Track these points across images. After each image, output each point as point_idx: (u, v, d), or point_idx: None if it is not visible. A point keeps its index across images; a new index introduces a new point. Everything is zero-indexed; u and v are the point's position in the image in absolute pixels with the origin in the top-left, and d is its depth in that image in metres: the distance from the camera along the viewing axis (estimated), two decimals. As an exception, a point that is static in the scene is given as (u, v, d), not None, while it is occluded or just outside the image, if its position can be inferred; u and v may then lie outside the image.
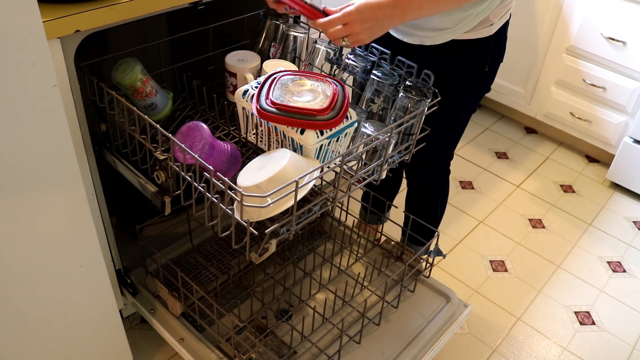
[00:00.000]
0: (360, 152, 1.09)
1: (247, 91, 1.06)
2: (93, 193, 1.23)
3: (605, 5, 2.16)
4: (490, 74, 1.31)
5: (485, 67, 1.28)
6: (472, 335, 1.72)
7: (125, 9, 1.07)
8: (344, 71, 1.24)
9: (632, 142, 2.24)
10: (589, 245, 2.09)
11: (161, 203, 1.13)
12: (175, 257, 1.51)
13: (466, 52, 1.24)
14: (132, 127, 1.12)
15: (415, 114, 1.13)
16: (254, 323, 1.36)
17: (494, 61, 1.29)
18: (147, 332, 1.61)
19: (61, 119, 0.93)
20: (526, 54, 2.44)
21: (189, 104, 1.34)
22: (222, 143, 1.07)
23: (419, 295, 1.48)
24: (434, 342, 1.36)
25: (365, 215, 1.72)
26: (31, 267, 1.02)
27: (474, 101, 1.38)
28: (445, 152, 1.48)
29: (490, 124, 2.72)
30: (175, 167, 1.04)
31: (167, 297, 1.36)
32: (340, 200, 1.41)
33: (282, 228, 0.96)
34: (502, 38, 1.28)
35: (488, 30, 1.22)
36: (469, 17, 1.18)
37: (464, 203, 2.23)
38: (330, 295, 1.47)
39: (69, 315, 1.15)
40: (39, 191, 0.96)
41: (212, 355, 1.27)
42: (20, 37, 0.82)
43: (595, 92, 2.32)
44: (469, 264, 1.97)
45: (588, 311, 1.83)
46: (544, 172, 2.44)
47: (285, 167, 0.93)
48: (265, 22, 1.35)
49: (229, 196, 0.93)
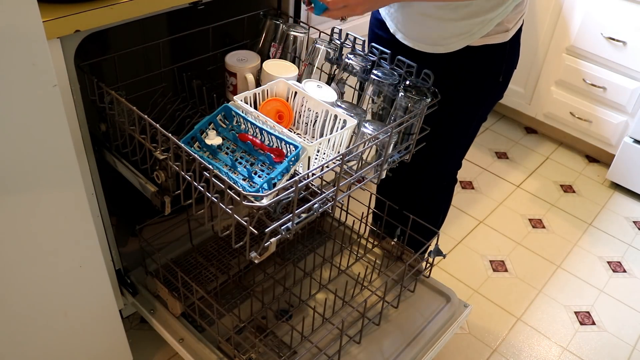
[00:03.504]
0: (360, 151, 1.09)
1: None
2: (93, 193, 1.23)
3: (606, 5, 2.16)
4: (503, 82, 1.30)
5: (500, 77, 1.27)
6: (472, 335, 1.72)
7: (125, 9, 1.07)
8: (344, 71, 1.24)
9: (632, 142, 2.24)
10: (589, 245, 2.09)
11: (161, 203, 1.13)
12: (175, 257, 1.51)
13: (481, 58, 1.23)
14: (132, 127, 1.12)
15: (415, 113, 1.13)
16: (254, 323, 1.36)
17: (508, 68, 1.28)
18: (147, 332, 1.61)
19: (61, 119, 0.93)
20: (526, 54, 2.44)
21: (189, 104, 1.34)
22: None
23: (419, 295, 1.48)
24: (434, 342, 1.36)
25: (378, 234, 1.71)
26: (31, 267, 1.02)
27: (486, 110, 1.37)
28: (455, 160, 1.47)
29: (490, 124, 2.72)
30: (175, 166, 1.04)
31: (167, 297, 1.35)
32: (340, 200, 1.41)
33: (282, 228, 0.96)
34: (517, 45, 1.27)
35: (503, 37, 1.21)
36: (484, 23, 1.16)
37: (464, 203, 2.23)
38: (330, 295, 1.47)
39: (69, 315, 1.15)
40: (38, 191, 0.96)
41: (212, 355, 1.27)
42: (20, 37, 0.82)
43: (595, 92, 2.32)
44: (469, 264, 1.97)
45: (588, 311, 1.83)
46: (544, 172, 2.44)
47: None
48: (265, 22, 1.35)
49: (228, 196, 0.93)
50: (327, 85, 1.18)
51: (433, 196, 1.55)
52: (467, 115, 1.33)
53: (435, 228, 1.42)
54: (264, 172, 1.04)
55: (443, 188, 1.54)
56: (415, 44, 1.25)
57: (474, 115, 1.35)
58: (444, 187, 1.54)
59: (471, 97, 1.29)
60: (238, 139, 1.08)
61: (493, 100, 1.35)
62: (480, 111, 1.35)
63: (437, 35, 1.21)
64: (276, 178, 0.98)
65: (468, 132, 1.40)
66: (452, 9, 1.15)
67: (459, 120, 1.33)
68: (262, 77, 1.23)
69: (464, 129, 1.37)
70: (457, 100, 1.25)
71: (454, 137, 1.38)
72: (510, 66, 1.28)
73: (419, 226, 1.44)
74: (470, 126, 1.38)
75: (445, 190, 1.55)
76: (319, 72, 1.27)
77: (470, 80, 1.26)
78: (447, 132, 1.33)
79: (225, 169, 1.04)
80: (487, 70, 1.25)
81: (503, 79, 1.28)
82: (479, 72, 1.25)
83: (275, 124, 1.05)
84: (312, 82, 1.18)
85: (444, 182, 1.52)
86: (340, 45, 1.28)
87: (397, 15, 1.26)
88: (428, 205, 1.56)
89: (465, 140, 1.42)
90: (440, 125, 1.23)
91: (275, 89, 1.17)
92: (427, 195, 1.55)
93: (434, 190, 1.54)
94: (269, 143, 1.06)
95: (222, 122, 1.10)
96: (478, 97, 1.31)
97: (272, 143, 1.05)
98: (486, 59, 1.23)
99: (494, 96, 1.34)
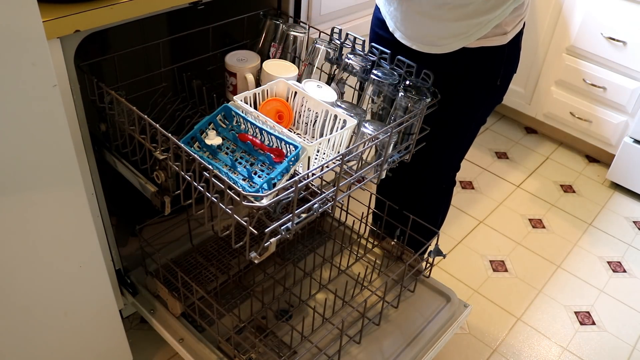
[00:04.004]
0: (360, 151, 1.09)
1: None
2: (93, 193, 1.23)
3: (606, 5, 2.16)
4: (502, 86, 1.29)
5: (497, 80, 1.26)
6: (472, 335, 1.72)
7: (125, 9, 1.07)
8: (344, 71, 1.24)
9: (632, 142, 2.24)
10: (589, 245, 2.09)
11: (161, 203, 1.13)
12: (175, 257, 1.51)
13: (478, 61, 1.22)
14: (132, 127, 1.12)
15: (415, 113, 1.13)
16: (254, 323, 1.36)
17: (506, 72, 1.27)
18: (147, 332, 1.61)
19: (61, 119, 0.93)
20: (526, 54, 2.43)
21: (189, 104, 1.34)
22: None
23: (419, 295, 1.48)
24: (434, 342, 1.36)
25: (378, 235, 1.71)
26: (31, 267, 1.02)
27: (485, 113, 1.36)
28: (454, 162, 1.47)
29: (490, 124, 2.72)
30: (175, 166, 1.04)
31: (167, 297, 1.36)
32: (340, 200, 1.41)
33: (282, 228, 0.96)
34: (516, 49, 1.26)
35: (501, 40, 1.20)
36: (481, 24, 1.16)
37: (464, 203, 2.23)
38: (330, 295, 1.47)
39: (69, 315, 1.15)
40: (38, 191, 0.96)
41: (212, 355, 1.27)
42: (20, 37, 0.82)
43: (595, 92, 2.32)
44: (469, 264, 1.97)
45: (588, 311, 1.83)
46: (544, 172, 2.44)
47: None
48: (265, 22, 1.35)
49: (228, 196, 0.93)
50: (327, 85, 1.18)
51: (432, 197, 1.55)
52: (465, 117, 1.33)
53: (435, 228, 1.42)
54: (263, 172, 1.04)
55: (442, 190, 1.54)
56: (413, 43, 1.25)
57: (472, 117, 1.34)
58: (442, 189, 1.54)
59: (468, 99, 1.29)
60: (238, 139, 1.08)
61: (491, 103, 1.35)
62: (478, 114, 1.35)
63: (433, 35, 1.21)
64: (276, 178, 0.98)
65: (466, 135, 1.39)
66: (450, 9, 1.15)
67: (457, 122, 1.33)
68: (262, 77, 1.23)
69: (462, 131, 1.37)
70: (455, 102, 1.25)
71: (452, 139, 1.38)
72: (509, 70, 1.28)
73: (419, 226, 1.44)
74: (469, 128, 1.38)
75: (444, 191, 1.55)
76: (319, 72, 1.27)
77: (467, 82, 1.26)
78: (445, 133, 1.33)
79: (225, 169, 1.04)
80: (484, 72, 1.25)
81: (501, 83, 1.27)
82: (476, 74, 1.25)
83: (275, 124, 1.05)
84: (312, 82, 1.18)
85: (443, 184, 1.52)
86: (340, 45, 1.28)
87: (396, 14, 1.26)
88: (427, 206, 1.56)
89: (463, 142, 1.42)
90: (439, 126, 1.23)
91: (275, 89, 1.17)
92: (426, 196, 1.55)
93: (433, 191, 1.54)
94: (268, 143, 1.06)
95: (222, 122, 1.10)
96: (475, 100, 1.30)
97: (272, 143, 1.05)
98: (483, 62, 1.23)
99: (492, 99, 1.33)
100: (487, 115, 1.38)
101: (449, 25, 1.17)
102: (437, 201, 1.57)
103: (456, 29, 1.17)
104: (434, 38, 1.21)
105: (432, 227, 1.42)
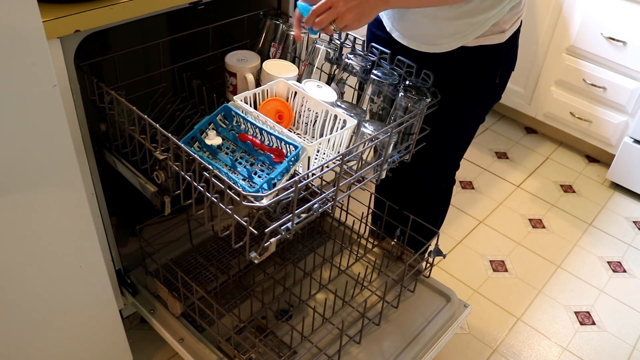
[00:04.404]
0: (360, 151, 1.09)
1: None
2: (93, 193, 1.23)
3: (606, 5, 2.16)
4: (500, 84, 1.29)
5: (496, 78, 1.26)
6: (472, 335, 1.72)
7: (125, 9, 1.07)
8: (344, 71, 1.24)
9: (632, 142, 2.24)
10: (589, 245, 2.09)
11: (161, 203, 1.13)
12: (175, 257, 1.51)
13: (477, 59, 1.22)
14: (132, 127, 1.12)
15: (415, 113, 1.13)
16: (254, 323, 1.36)
17: (505, 70, 1.27)
18: (147, 332, 1.61)
19: (61, 119, 0.93)
20: (526, 53, 2.44)
21: (189, 104, 1.34)
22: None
23: (419, 295, 1.48)
24: (434, 342, 1.36)
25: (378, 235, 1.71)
26: (31, 267, 1.02)
27: (483, 111, 1.36)
28: (453, 161, 1.47)
29: (490, 124, 2.72)
30: (175, 166, 1.04)
31: (167, 297, 1.36)
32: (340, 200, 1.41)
33: (282, 228, 0.96)
34: (514, 46, 1.26)
35: (499, 38, 1.20)
36: (479, 23, 1.16)
37: (464, 203, 2.23)
38: (330, 295, 1.47)
39: (69, 315, 1.15)
40: (38, 191, 0.96)
41: (212, 355, 1.27)
42: (20, 37, 0.82)
43: (595, 92, 2.32)
44: (469, 264, 1.97)
45: (588, 311, 1.83)
46: (544, 172, 2.44)
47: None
48: (265, 22, 1.35)
49: (228, 196, 0.93)
50: (327, 85, 1.18)
51: (432, 197, 1.55)
52: (463, 115, 1.33)
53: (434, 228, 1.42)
54: (263, 172, 1.04)
55: (442, 189, 1.54)
56: (411, 42, 1.25)
57: (470, 115, 1.34)
58: (442, 188, 1.54)
59: (467, 97, 1.29)
60: (238, 139, 1.08)
61: (490, 101, 1.35)
62: (477, 112, 1.35)
63: (431, 34, 1.21)
64: (276, 178, 0.98)
65: (465, 133, 1.39)
66: (448, 8, 1.15)
67: (456, 120, 1.33)
68: (262, 77, 1.23)
69: (461, 130, 1.37)
70: (454, 101, 1.25)
71: (451, 138, 1.38)
72: (508, 68, 1.28)
73: (419, 226, 1.44)
74: (468, 127, 1.38)
75: (443, 191, 1.55)
76: (319, 72, 1.27)
77: (466, 80, 1.26)
78: (444, 132, 1.33)
79: (225, 169, 1.04)
80: (483, 71, 1.25)
81: (500, 81, 1.28)
82: (475, 72, 1.25)
83: (275, 124, 1.05)
84: (312, 82, 1.18)
85: (442, 183, 1.52)
86: (340, 45, 1.28)
87: (393, 13, 1.26)
88: (427, 205, 1.56)
89: (462, 140, 1.42)
90: (438, 125, 1.23)
91: (275, 89, 1.17)
92: (426, 195, 1.55)
93: (433, 190, 1.54)
94: (268, 143, 1.06)
95: (222, 122, 1.10)
96: (474, 98, 1.30)
97: (272, 143, 1.05)
98: (482, 60, 1.23)
99: (491, 97, 1.33)
100: (486, 114, 1.38)
101: (446, 24, 1.17)
102: (437, 201, 1.57)
103: (454, 28, 1.17)
104: (431, 37, 1.21)
105: (432, 227, 1.42)
